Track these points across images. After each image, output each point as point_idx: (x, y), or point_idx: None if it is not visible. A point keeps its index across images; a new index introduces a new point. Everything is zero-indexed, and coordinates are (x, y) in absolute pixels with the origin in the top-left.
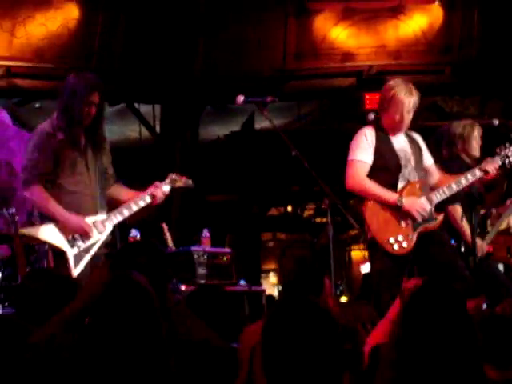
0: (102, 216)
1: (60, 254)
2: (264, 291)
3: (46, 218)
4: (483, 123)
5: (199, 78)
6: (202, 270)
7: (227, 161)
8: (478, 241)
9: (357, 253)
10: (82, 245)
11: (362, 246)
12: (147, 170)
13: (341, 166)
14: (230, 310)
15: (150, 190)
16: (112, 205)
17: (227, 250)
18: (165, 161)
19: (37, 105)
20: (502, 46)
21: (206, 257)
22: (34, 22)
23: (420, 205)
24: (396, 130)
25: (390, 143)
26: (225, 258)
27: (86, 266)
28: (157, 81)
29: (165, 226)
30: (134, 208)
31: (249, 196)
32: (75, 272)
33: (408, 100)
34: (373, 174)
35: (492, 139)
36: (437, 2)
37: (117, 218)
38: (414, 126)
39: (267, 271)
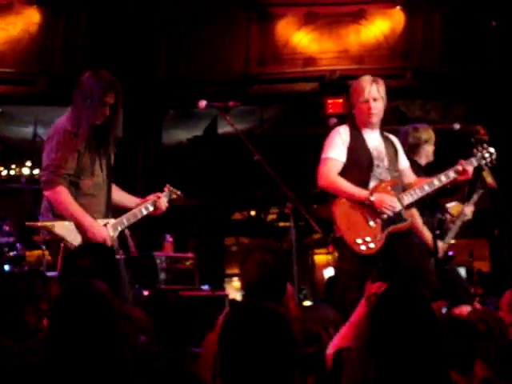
0: (112, 220)
1: None
2: (227, 296)
3: (53, 213)
4: (444, 128)
5: (162, 82)
6: (164, 275)
7: (190, 165)
8: (439, 242)
9: (320, 257)
10: None
11: (325, 250)
12: None
13: (303, 171)
14: (188, 314)
15: (152, 199)
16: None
17: (190, 254)
18: (127, 165)
19: None
20: (463, 51)
21: (168, 262)
22: None
23: (390, 201)
24: (367, 122)
25: (363, 141)
26: (188, 263)
27: None
28: None
29: (127, 232)
30: (139, 216)
31: (212, 200)
32: None
33: (369, 86)
34: (345, 171)
35: (453, 144)
36: (398, 7)
37: (124, 223)
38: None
39: (231, 276)
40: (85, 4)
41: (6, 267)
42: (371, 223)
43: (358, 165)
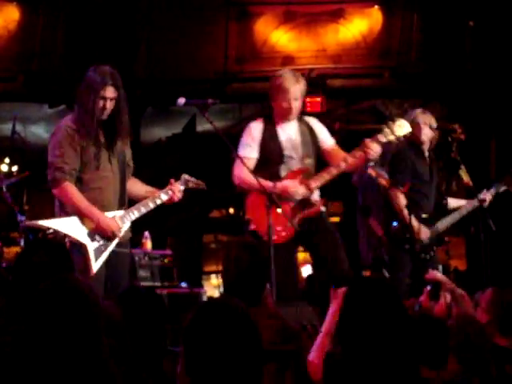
0: (120, 212)
1: (79, 248)
2: (205, 293)
3: (66, 212)
4: None
5: (140, 79)
6: (143, 273)
7: (169, 163)
8: (415, 223)
9: (298, 254)
10: (101, 239)
11: (302, 248)
12: None
13: None
14: (163, 311)
15: (167, 188)
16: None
17: (168, 252)
18: None
19: None
20: (441, 51)
21: (146, 259)
22: None
23: (293, 185)
24: (285, 117)
25: (276, 135)
26: (166, 260)
27: (103, 262)
28: None
29: None
30: (151, 205)
31: (190, 198)
32: (95, 266)
33: (294, 88)
34: (259, 166)
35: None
36: (376, 7)
37: (134, 214)
38: (355, 129)
39: (209, 273)
40: (64, 2)
41: None
42: (279, 211)
43: (270, 159)
